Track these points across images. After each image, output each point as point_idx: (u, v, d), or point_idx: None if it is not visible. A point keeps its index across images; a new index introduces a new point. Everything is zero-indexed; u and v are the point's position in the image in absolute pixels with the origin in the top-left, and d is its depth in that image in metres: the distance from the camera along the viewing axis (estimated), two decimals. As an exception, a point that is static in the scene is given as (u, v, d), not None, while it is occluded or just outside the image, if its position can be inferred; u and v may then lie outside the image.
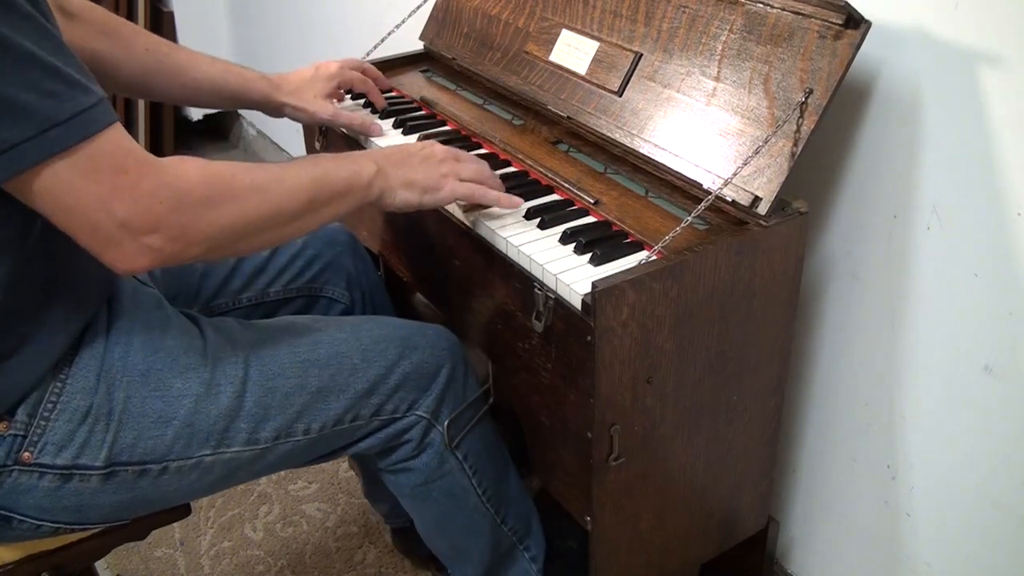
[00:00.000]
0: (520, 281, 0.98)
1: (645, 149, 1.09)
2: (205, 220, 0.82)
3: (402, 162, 1.00)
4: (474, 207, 1.06)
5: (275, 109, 1.25)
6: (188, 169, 0.82)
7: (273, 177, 0.89)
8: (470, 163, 1.04)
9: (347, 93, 1.37)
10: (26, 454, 0.88)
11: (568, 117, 1.20)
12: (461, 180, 1.02)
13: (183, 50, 1.19)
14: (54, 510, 0.92)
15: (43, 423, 0.89)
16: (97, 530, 1.00)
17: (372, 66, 1.36)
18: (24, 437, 0.88)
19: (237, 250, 0.90)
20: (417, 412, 1.07)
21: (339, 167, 0.95)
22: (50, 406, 0.89)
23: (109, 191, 0.76)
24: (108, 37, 1.11)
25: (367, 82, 1.33)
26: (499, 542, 1.19)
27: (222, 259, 1.16)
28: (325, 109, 1.24)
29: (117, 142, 0.77)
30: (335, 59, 1.30)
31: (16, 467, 0.88)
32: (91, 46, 1.09)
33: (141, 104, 2.87)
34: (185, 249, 0.82)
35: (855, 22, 0.92)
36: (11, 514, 0.91)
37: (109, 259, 0.80)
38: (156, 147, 3.00)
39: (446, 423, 1.08)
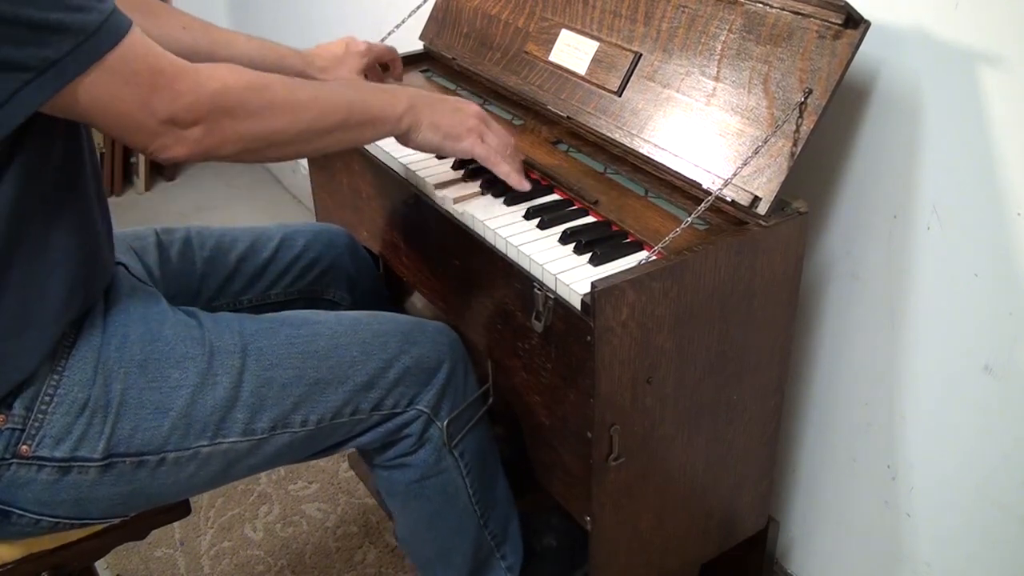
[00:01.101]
0: (520, 281, 0.98)
1: (645, 149, 1.09)
2: (240, 122, 0.87)
3: (434, 105, 1.05)
4: (471, 202, 1.06)
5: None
6: (224, 73, 0.86)
7: (310, 93, 0.94)
8: (498, 132, 1.09)
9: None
10: (24, 447, 0.88)
11: (568, 117, 1.20)
12: (485, 142, 1.06)
13: (218, 28, 1.21)
14: (53, 504, 0.92)
15: (40, 416, 0.89)
16: (97, 527, 1.00)
17: (395, 50, 1.38)
18: (22, 430, 0.88)
19: (267, 156, 0.94)
20: (417, 407, 1.07)
21: (375, 96, 1.01)
22: (47, 399, 0.89)
23: (149, 91, 0.80)
24: (144, 15, 1.12)
25: (392, 52, 1.36)
26: (480, 546, 1.19)
27: (252, 161, 1.20)
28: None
29: (145, 44, 0.81)
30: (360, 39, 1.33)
31: (14, 460, 0.89)
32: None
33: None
34: (221, 145, 0.87)
35: (854, 22, 0.92)
36: (10, 508, 0.91)
37: (152, 149, 0.84)
38: None
39: (446, 421, 1.08)
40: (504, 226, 1.02)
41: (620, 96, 1.14)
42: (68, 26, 0.75)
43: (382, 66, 1.37)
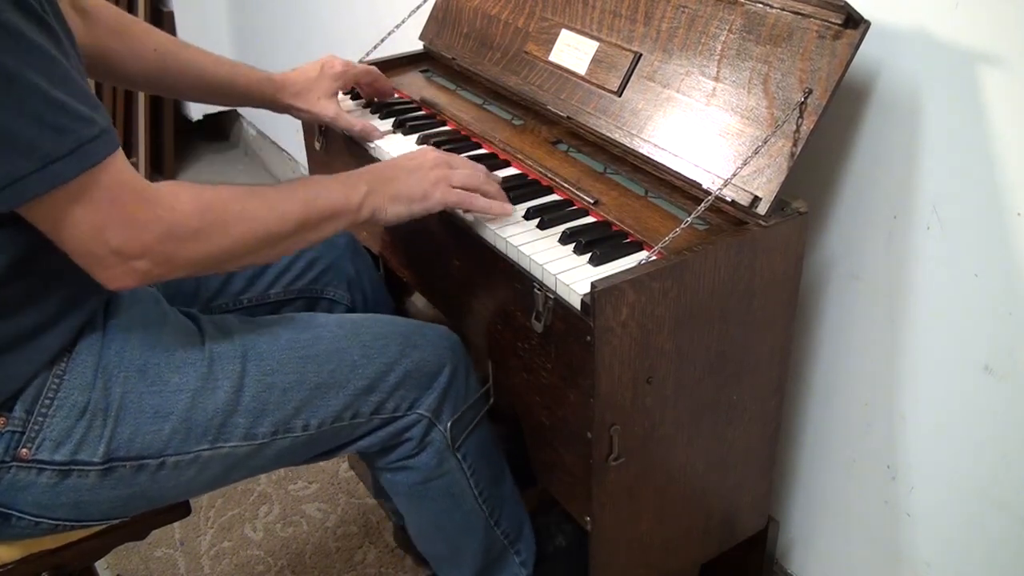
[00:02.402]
0: (520, 281, 0.98)
1: (645, 149, 1.09)
2: (193, 248, 0.86)
3: (392, 178, 1.01)
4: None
5: (282, 110, 1.27)
6: (182, 200, 0.85)
7: (265, 203, 0.92)
8: (463, 168, 1.04)
9: (346, 93, 1.37)
10: (24, 450, 0.88)
11: (568, 117, 1.20)
12: (454, 184, 1.02)
13: (191, 49, 1.20)
14: (53, 506, 0.92)
15: (40, 419, 0.89)
16: (97, 528, 1.00)
17: (376, 69, 1.35)
18: (22, 433, 0.88)
19: (224, 270, 0.95)
20: (418, 411, 1.07)
21: (330, 191, 0.97)
22: (47, 402, 0.89)
23: (104, 221, 0.80)
24: (119, 36, 1.13)
25: (371, 72, 1.33)
26: (491, 545, 1.19)
27: (215, 273, 1.19)
28: (327, 110, 1.25)
29: (116, 174, 0.80)
30: (340, 58, 1.31)
31: (14, 463, 0.89)
32: (102, 44, 1.11)
33: (141, 104, 2.87)
34: (170, 272, 0.86)
35: (854, 22, 0.92)
36: (10, 511, 0.91)
37: (100, 278, 0.84)
38: (156, 146, 3.00)
39: (449, 424, 1.08)
40: (504, 226, 1.02)
41: (620, 96, 1.14)
42: (38, 145, 0.74)
43: (361, 88, 1.35)
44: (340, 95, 1.30)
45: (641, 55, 1.13)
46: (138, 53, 1.15)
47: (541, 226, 1.02)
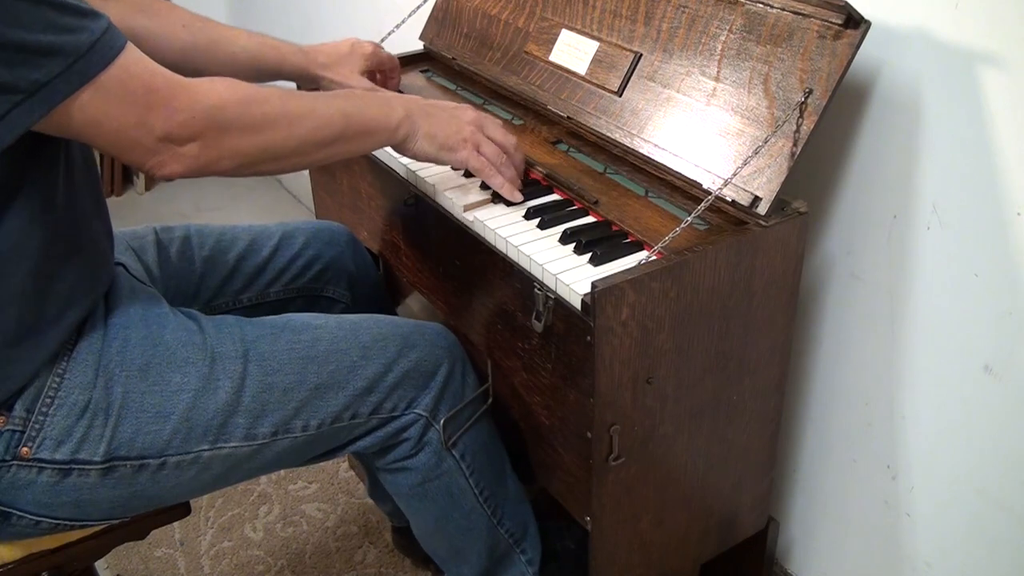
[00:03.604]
0: (520, 281, 0.98)
1: (645, 149, 1.09)
2: (236, 137, 0.87)
3: (430, 114, 1.04)
4: (473, 206, 1.07)
5: (311, 81, 1.27)
6: (220, 89, 0.86)
7: (306, 106, 0.93)
8: (494, 137, 1.07)
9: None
10: (24, 449, 0.88)
11: (568, 117, 1.20)
12: (481, 151, 1.05)
13: (219, 25, 1.20)
14: (53, 505, 0.92)
15: (41, 418, 0.89)
16: (97, 528, 1.00)
17: (397, 62, 1.36)
18: (22, 432, 0.88)
19: (264, 170, 0.94)
20: (416, 410, 1.07)
21: (371, 106, 1.00)
22: (48, 401, 0.89)
23: (144, 109, 0.80)
24: (145, 14, 1.13)
25: (394, 70, 1.34)
26: (496, 544, 1.19)
27: (250, 174, 1.19)
28: (363, 84, 1.25)
29: (139, 62, 0.81)
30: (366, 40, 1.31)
31: (14, 462, 0.89)
32: (129, 24, 1.11)
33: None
34: (218, 160, 0.86)
35: (855, 22, 0.92)
36: (10, 510, 0.91)
37: (149, 166, 0.84)
38: None
39: (442, 421, 1.08)
40: (504, 226, 1.02)
41: (620, 96, 1.14)
42: (58, 48, 0.74)
43: (380, 74, 1.35)
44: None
45: (641, 55, 1.13)
46: (167, 31, 1.14)
47: (541, 226, 1.02)
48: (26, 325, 0.87)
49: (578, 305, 0.89)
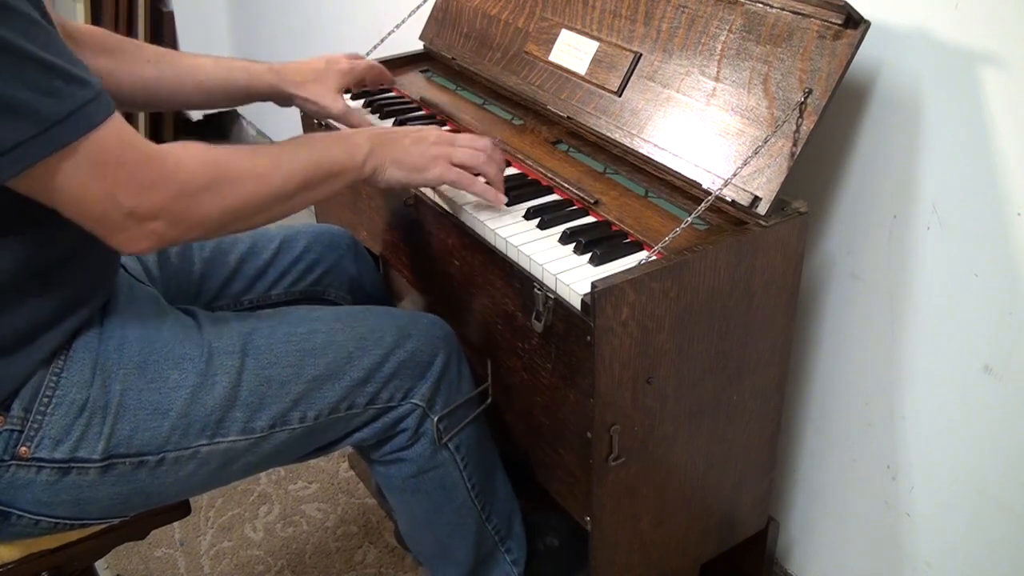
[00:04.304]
0: (520, 281, 0.98)
1: (645, 149, 1.09)
2: (205, 206, 0.85)
3: (394, 141, 1.02)
4: (471, 203, 1.06)
5: (284, 99, 1.25)
6: (188, 157, 0.84)
7: (271, 161, 0.92)
8: (466, 146, 1.05)
9: (346, 93, 1.37)
10: (23, 449, 0.88)
11: (568, 117, 1.20)
12: (455, 162, 1.03)
13: (186, 55, 1.19)
14: (53, 504, 0.92)
15: (39, 417, 0.89)
16: (97, 528, 1.00)
17: (377, 63, 1.34)
18: (20, 432, 0.88)
19: (235, 230, 0.93)
20: (412, 400, 1.07)
21: (334, 147, 0.98)
22: (46, 400, 0.89)
23: (113, 183, 0.79)
24: (110, 54, 1.12)
25: (374, 68, 1.31)
26: (483, 541, 1.19)
27: (222, 236, 1.18)
28: (336, 104, 1.23)
29: (118, 134, 0.79)
30: (342, 53, 1.29)
31: (13, 462, 0.89)
32: (93, 64, 1.09)
33: (141, 114, 2.87)
34: (186, 232, 0.85)
35: (854, 22, 0.92)
36: (10, 509, 0.91)
37: (115, 242, 0.83)
38: None
39: (439, 415, 1.08)
40: (504, 226, 1.02)
41: (620, 96, 1.14)
42: (36, 110, 0.73)
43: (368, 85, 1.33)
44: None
45: (641, 55, 1.13)
46: (131, 67, 1.13)
47: (541, 226, 1.02)
48: (23, 332, 0.88)
49: (578, 305, 0.89)
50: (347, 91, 1.35)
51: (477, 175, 1.05)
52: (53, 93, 0.74)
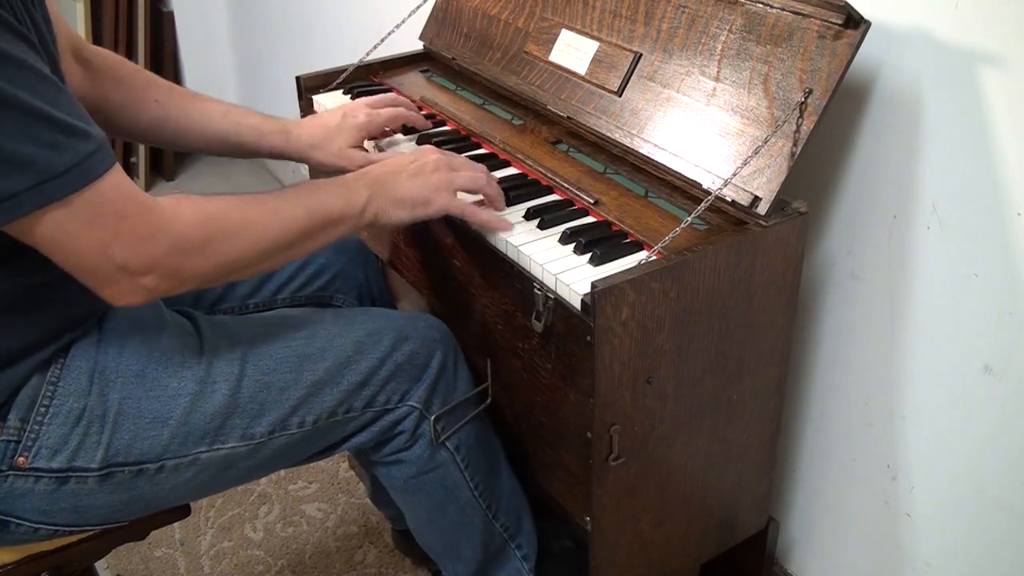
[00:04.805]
0: (520, 281, 0.98)
1: (645, 149, 1.09)
2: (199, 261, 0.84)
3: (394, 182, 1.00)
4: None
5: (296, 160, 1.21)
6: (185, 212, 0.84)
7: (268, 212, 0.90)
8: (465, 171, 1.03)
9: (346, 93, 1.37)
10: (20, 459, 0.88)
11: (568, 117, 1.20)
12: (456, 188, 1.02)
13: (196, 101, 1.15)
14: (51, 512, 0.92)
15: (36, 427, 0.88)
16: (96, 531, 1.00)
17: (402, 109, 1.23)
18: (18, 442, 0.88)
19: (231, 280, 0.93)
20: (409, 402, 1.07)
21: (333, 196, 0.96)
22: (43, 410, 0.89)
23: (109, 237, 0.79)
24: (120, 86, 1.10)
25: (398, 118, 1.23)
26: (491, 539, 1.19)
27: (219, 285, 1.16)
28: (353, 161, 1.16)
29: (116, 188, 0.79)
30: (361, 102, 1.21)
31: (11, 472, 0.88)
32: (103, 93, 1.09)
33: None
34: (179, 286, 0.85)
35: (855, 22, 0.92)
36: (8, 518, 0.91)
37: (106, 295, 0.82)
38: (155, 155, 3.00)
39: (434, 417, 1.08)
40: (504, 226, 1.02)
41: (620, 96, 1.14)
42: (34, 162, 0.73)
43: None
44: (340, 92, 1.28)
45: (641, 55, 1.13)
46: (141, 104, 1.11)
47: (541, 226, 1.02)
48: (17, 350, 0.87)
49: (578, 305, 0.89)
50: (348, 92, 1.35)
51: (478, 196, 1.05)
52: (53, 146, 0.74)
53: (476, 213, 1.02)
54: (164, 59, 2.92)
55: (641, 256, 0.94)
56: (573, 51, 1.21)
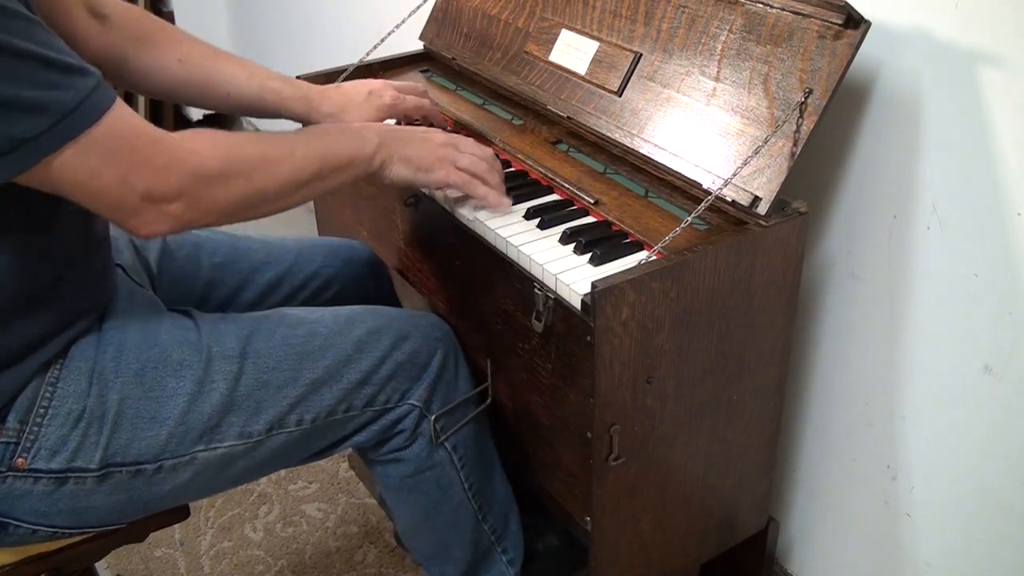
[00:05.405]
0: (520, 281, 0.98)
1: (645, 149, 1.09)
2: (221, 192, 0.86)
3: (403, 138, 1.03)
4: (471, 203, 1.06)
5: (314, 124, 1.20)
6: (201, 143, 0.85)
7: (284, 150, 0.92)
8: (469, 152, 1.05)
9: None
10: (19, 460, 0.88)
11: (568, 117, 1.20)
12: (459, 166, 1.04)
13: (219, 58, 1.15)
14: (50, 514, 0.92)
15: (35, 429, 0.88)
16: (94, 533, 1.00)
17: (428, 103, 1.24)
18: (17, 444, 0.88)
19: (248, 217, 0.93)
20: (410, 401, 1.07)
21: (345, 139, 0.99)
22: (42, 411, 0.89)
23: (128, 169, 0.80)
24: (142, 44, 1.09)
25: (422, 109, 1.22)
26: (479, 540, 1.19)
27: (236, 222, 1.16)
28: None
29: (125, 120, 0.80)
30: (388, 83, 1.21)
31: (10, 473, 0.88)
32: (122, 52, 1.08)
33: (141, 103, 2.87)
34: (202, 216, 0.86)
35: (855, 22, 0.92)
36: (7, 520, 0.91)
37: (132, 226, 0.83)
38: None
39: (434, 417, 1.08)
40: (504, 226, 1.02)
41: (620, 96, 1.14)
42: (44, 105, 0.74)
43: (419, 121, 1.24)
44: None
45: (641, 55, 1.13)
46: (163, 63, 1.11)
47: (541, 226, 1.02)
48: (16, 350, 0.87)
49: (578, 305, 0.89)
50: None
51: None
52: (57, 86, 0.75)
53: (476, 187, 1.04)
54: (164, 59, 2.91)
55: (641, 256, 0.94)
56: (573, 51, 1.21)
